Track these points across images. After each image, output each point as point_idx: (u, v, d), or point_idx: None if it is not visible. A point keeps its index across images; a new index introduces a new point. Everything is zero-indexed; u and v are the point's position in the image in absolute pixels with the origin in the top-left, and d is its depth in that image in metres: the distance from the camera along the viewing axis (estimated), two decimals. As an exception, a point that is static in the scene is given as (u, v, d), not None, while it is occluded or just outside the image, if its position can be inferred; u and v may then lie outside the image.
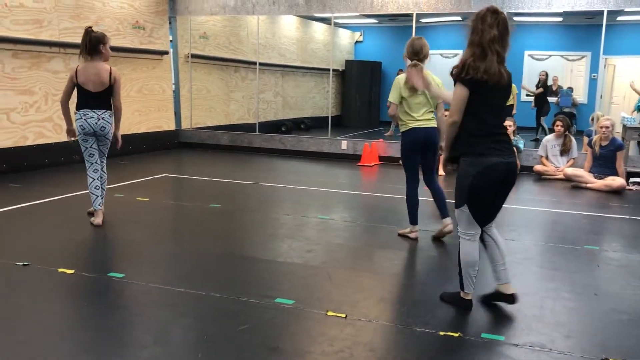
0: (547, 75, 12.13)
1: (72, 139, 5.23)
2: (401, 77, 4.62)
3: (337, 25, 14.20)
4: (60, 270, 3.83)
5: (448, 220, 4.74)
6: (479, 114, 3.14)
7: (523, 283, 3.91)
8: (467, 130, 3.17)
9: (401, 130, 4.73)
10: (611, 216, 6.00)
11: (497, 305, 3.45)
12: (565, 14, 9.77)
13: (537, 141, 10.48)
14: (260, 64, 11.38)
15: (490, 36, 3.07)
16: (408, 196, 4.82)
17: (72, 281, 3.70)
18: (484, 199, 3.21)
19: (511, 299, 3.32)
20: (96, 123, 4.90)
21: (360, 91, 14.99)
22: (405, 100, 4.60)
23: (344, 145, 9.93)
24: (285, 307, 3.32)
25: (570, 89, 12.91)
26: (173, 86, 10.69)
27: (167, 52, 10.29)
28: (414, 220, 4.83)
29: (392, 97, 4.67)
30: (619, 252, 4.68)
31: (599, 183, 7.34)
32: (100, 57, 4.89)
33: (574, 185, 7.51)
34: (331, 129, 10.51)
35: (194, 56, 10.69)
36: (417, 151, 4.70)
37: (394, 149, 9.54)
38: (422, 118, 4.62)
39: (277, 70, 12.87)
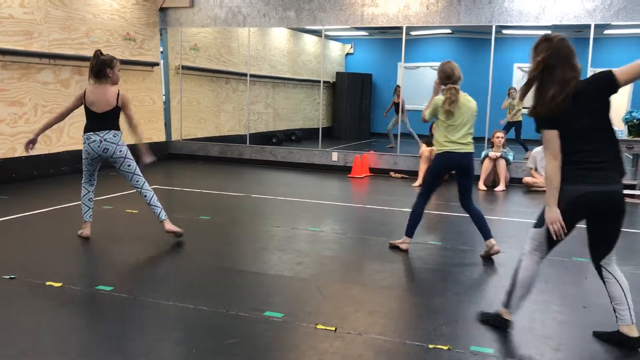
0: None
1: (29, 151, 4.98)
2: (439, 98, 4.63)
3: (327, 37, 14.27)
4: (48, 283, 3.80)
5: (493, 241, 4.66)
6: (564, 143, 2.92)
7: (512, 295, 3.92)
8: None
9: (436, 151, 4.73)
10: (600, 228, 6.02)
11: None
12: (553, 27, 9.87)
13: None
14: (251, 75, 11.40)
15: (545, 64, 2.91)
16: (415, 211, 4.77)
17: (60, 294, 3.67)
18: (568, 230, 3.03)
19: (636, 343, 3.02)
20: (99, 146, 4.79)
21: (351, 103, 15.05)
22: (442, 122, 4.62)
23: (335, 156, 9.95)
24: (274, 320, 3.30)
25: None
26: (163, 97, 10.68)
27: (157, 64, 10.29)
28: (410, 233, 4.81)
29: (427, 114, 4.73)
30: (608, 264, 4.69)
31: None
32: (107, 80, 4.81)
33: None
34: (322, 140, 10.53)
35: (184, 68, 10.70)
36: (444, 175, 4.89)
37: (384, 161, 9.57)
38: (459, 141, 4.61)
39: (268, 82, 12.91)
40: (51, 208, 6.11)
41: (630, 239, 5.58)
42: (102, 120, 4.82)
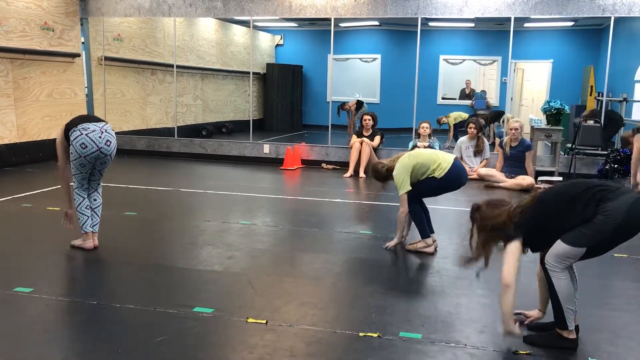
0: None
1: (69, 225, 4.50)
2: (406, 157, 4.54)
3: (256, 28, 14.13)
4: (-40, 287, 3.58)
5: (434, 236, 4.67)
6: None
7: (440, 282, 4.03)
8: None
9: (440, 176, 4.46)
10: (521, 213, 6.26)
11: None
12: (476, 20, 10.18)
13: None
14: (178, 66, 11.14)
15: None
16: (415, 211, 4.59)
17: (-26, 299, 3.46)
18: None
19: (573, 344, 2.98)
20: (100, 137, 4.26)
21: (282, 95, 14.98)
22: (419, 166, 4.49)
23: (266, 149, 9.88)
24: (204, 316, 3.25)
25: (484, 92, 13.46)
26: (86, 90, 10.27)
27: (78, 55, 9.86)
28: (425, 234, 4.62)
29: (405, 187, 4.48)
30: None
31: (510, 182, 7.69)
32: None
33: (487, 184, 7.82)
34: (253, 132, 10.44)
35: (107, 59, 10.32)
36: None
37: (316, 152, 9.60)
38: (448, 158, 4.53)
39: (196, 73, 12.65)
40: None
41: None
42: (91, 115, 4.49)
